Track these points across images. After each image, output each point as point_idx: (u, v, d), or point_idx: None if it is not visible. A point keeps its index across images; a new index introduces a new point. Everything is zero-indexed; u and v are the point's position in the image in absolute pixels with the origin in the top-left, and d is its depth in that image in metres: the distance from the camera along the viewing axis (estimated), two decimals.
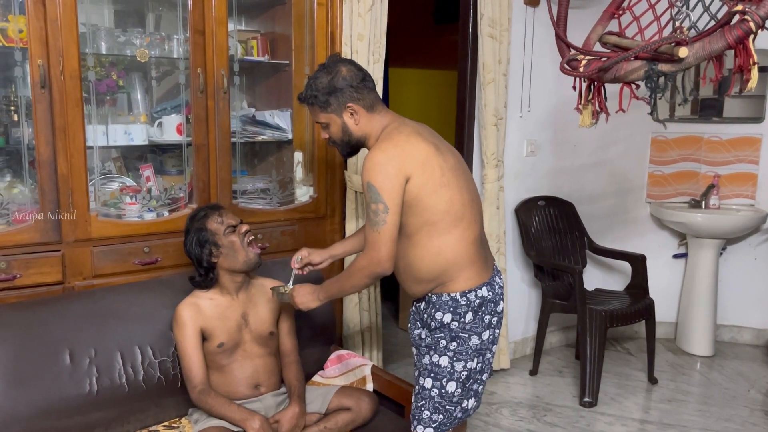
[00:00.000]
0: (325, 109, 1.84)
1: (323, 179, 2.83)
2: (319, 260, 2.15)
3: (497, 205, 3.35)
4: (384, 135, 1.82)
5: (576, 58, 1.81)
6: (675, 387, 3.45)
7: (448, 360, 1.84)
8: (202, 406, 2.07)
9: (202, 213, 2.15)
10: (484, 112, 3.24)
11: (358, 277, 1.82)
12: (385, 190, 1.71)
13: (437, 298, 1.86)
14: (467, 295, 1.83)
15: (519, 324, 3.74)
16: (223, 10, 2.44)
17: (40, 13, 2.10)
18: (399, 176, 1.72)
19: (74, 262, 2.26)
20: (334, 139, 1.89)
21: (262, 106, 2.97)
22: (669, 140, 3.98)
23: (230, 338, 2.11)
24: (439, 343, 1.85)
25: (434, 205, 1.77)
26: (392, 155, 1.74)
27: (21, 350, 1.93)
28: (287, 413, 2.06)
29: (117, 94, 2.58)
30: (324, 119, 1.86)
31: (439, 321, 1.85)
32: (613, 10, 1.89)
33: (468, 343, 1.84)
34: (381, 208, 1.72)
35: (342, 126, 1.85)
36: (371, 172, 1.72)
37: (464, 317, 1.83)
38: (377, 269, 1.76)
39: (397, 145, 1.76)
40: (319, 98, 1.82)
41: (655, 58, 1.62)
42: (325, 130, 1.89)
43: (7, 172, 2.36)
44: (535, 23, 3.42)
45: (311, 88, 1.84)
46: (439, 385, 1.85)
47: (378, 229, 1.73)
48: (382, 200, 1.71)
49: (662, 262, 4.01)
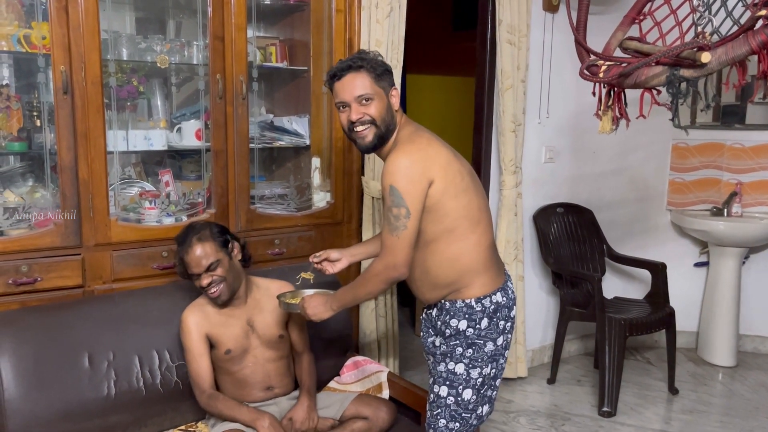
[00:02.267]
0: (378, 80, 1.77)
1: (340, 185, 2.83)
2: (338, 257, 2.10)
3: (515, 212, 3.33)
4: (404, 138, 1.80)
5: (596, 64, 1.80)
6: (696, 398, 3.39)
7: (464, 367, 1.82)
8: (212, 411, 2.08)
9: (184, 241, 2.05)
10: (503, 118, 3.22)
11: (373, 282, 1.78)
12: (409, 194, 1.69)
13: (451, 304, 1.84)
14: (482, 301, 1.82)
15: (537, 332, 3.71)
16: (242, 17, 2.46)
17: (63, 20, 2.13)
18: (423, 180, 1.70)
19: (94, 265, 2.28)
20: (373, 116, 1.77)
21: (280, 112, 2.99)
22: (690, 147, 3.93)
23: (237, 344, 2.10)
24: (455, 350, 1.83)
25: (454, 210, 1.76)
26: (416, 159, 1.72)
27: (41, 353, 1.95)
28: (297, 409, 2.08)
29: (137, 100, 2.60)
30: (373, 91, 1.77)
31: (454, 328, 1.83)
32: (634, 15, 1.88)
33: (484, 350, 1.83)
34: (403, 213, 1.69)
35: (387, 105, 1.80)
36: (395, 175, 1.69)
37: (480, 323, 1.81)
38: (393, 274, 1.74)
39: (420, 148, 1.74)
40: (377, 69, 1.77)
41: (677, 64, 1.60)
42: (368, 103, 1.77)
43: (29, 176, 2.39)
44: (554, 29, 3.40)
45: (364, 60, 1.77)
46: (455, 393, 1.83)
47: (398, 233, 1.70)
48: (405, 204, 1.68)
49: (683, 270, 3.95)
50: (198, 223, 2.13)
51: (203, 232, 2.05)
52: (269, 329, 2.15)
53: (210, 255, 2.02)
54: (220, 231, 2.10)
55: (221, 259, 2.04)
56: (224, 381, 2.14)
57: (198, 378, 2.08)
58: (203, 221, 2.18)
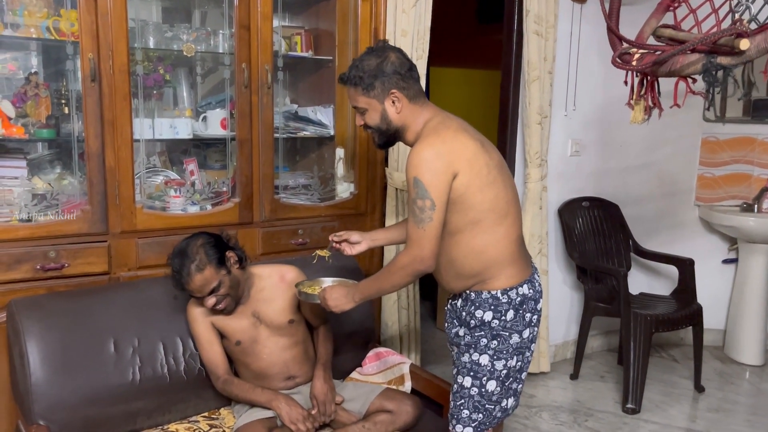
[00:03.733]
0: (367, 92, 1.77)
1: (364, 176, 2.82)
2: (358, 239, 2.08)
3: (540, 205, 3.29)
4: (429, 130, 1.77)
5: (629, 52, 1.76)
6: (723, 396, 3.33)
7: (488, 358, 1.80)
8: (228, 395, 2.09)
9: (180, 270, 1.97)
10: (528, 110, 3.18)
11: (399, 275, 1.76)
12: (433, 187, 1.67)
13: (476, 295, 1.82)
14: (508, 292, 1.79)
15: (560, 327, 3.67)
16: (268, 6, 2.45)
17: (92, 8, 2.14)
18: (447, 173, 1.68)
19: (120, 253, 2.30)
20: (370, 125, 1.82)
21: (304, 102, 2.98)
22: (720, 141, 3.85)
23: (246, 336, 2.09)
24: (479, 341, 1.81)
25: (480, 203, 1.74)
26: (440, 151, 1.69)
27: (68, 338, 1.96)
28: (315, 387, 2.09)
29: (163, 89, 2.61)
30: (363, 104, 1.79)
31: (479, 319, 1.81)
32: (669, 3, 1.83)
33: (509, 342, 1.80)
34: (428, 205, 1.67)
35: (382, 113, 1.79)
36: (419, 167, 1.68)
37: (505, 315, 1.79)
38: (420, 267, 1.72)
39: (445, 140, 1.72)
40: (365, 80, 1.76)
41: (714, 51, 1.56)
42: (362, 115, 1.82)
43: (57, 164, 2.41)
44: (582, 19, 3.35)
45: (357, 68, 1.77)
46: (479, 384, 1.81)
47: (423, 226, 1.68)
48: (430, 196, 1.67)
49: (711, 266, 3.87)
50: (190, 243, 2.00)
51: (199, 257, 1.95)
52: (276, 317, 2.12)
53: (211, 280, 1.97)
54: (214, 246, 2.00)
55: (222, 279, 1.99)
56: (243, 373, 2.15)
57: (211, 365, 2.08)
58: (194, 237, 2.03)
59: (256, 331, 2.11)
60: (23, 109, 2.24)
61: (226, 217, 2.49)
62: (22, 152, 2.34)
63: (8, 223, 2.15)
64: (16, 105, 2.22)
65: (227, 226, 2.48)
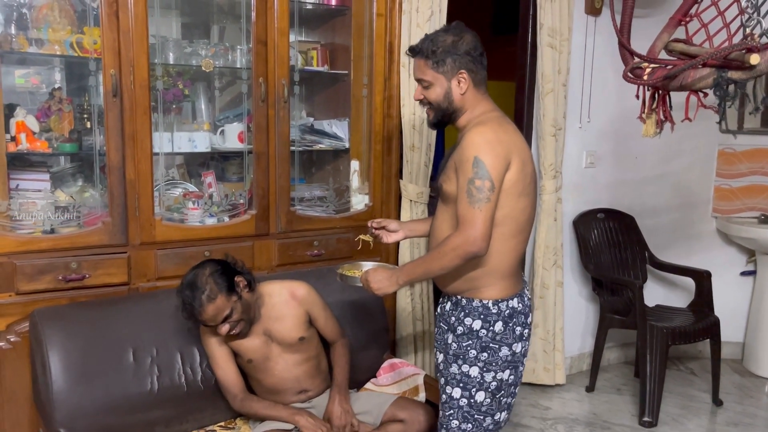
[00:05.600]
0: (437, 67, 1.75)
1: (379, 188, 2.85)
2: (396, 228, 2.06)
3: (555, 217, 3.29)
4: (490, 119, 1.76)
5: (640, 66, 1.77)
6: (741, 410, 3.29)
7: (478, 370, 1.79)
8: (248, 412, 2.10)
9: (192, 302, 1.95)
10: (543, 122, 3.20)
11: (449, 257, 1.69)
12: (494, 169, 1.65)
13: (467, 302, 1.80)
14: (499, 304, 1.78)
15: (576, 339, 3.66)
16: (285, 21, 2.50)
17: (114, 25, 2.20)
18: (506, 161, 1.68)
19: (139, 264, 2.34)
20: (430, 101, 1.80)
21: (320, 116, 3.02)
22: (737, 153, 3.83)
23: (258, 354, 2.10)
24: (468, 353, 1.79)
25: (510, 208, 1.73)
26: (503, 139, 1.70)
27: (88, 347, 2.01)
28: (330, 407, 2.09)
29: (182, 103, 2.67)
30: (430, 77, 1.77)
31: (467, 327, 1.79)
32: (680, 17, 1.84)
33: (498, 354, 1.79)
34: (487, 186, 1.64)
35: (446, 90, 1.77)
36: (482, 147, 1.67)
37: (494, 326, 1.78)
38: (472, 249, 1.67)
39: (507, 132, 1.73)
40: (437, 54, 1.74)
41: (725, 66, 1.57)
42: (425, 90, 1.79)
43: (79, 176, 2.47)
44: (596, 32, 3.36)
45: (432, 42, 1.76)
46: (468, 395, 1.80)
47: (480, 206, 1.65)
48: (490, 177, 1.65)
49: (729, 279, 3.84)
50: (198, 274, 1.98)
51: (209, 287, 1.94)
52: (288, 334, 2.12)
53: (223, 308, 1.96)
54: (222, 274, 1.99)
55: (234, 306, 1.98)
56: (256, 388, 2.17)
57: (227, 383, 2.10)
58: (201, 267, 2.02)
59: (268, 349, 2.12)
60: (47, 124, 2.31)
61: (243, 229, 2.53)
62: (46, 166, 2.40)
63: (32, 234, 2.20)
64: (40, 120, 2.28)
65: (244, 238, 2.52)
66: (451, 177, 1.75)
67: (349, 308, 2.45)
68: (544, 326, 3.35)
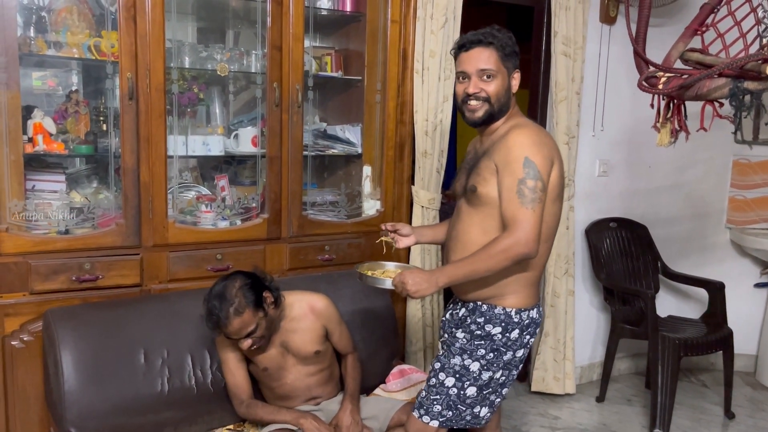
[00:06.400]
0: (505, 60, 1.78)
1: (390, 194, 2.85)
2: (408, 232, 2.05)
3: (567, 225, 3.28)
4: (526, 122, 1.81)
5: (655, 75, 1.77)
6: (753, 423, 3.26)
7: (478, 366, 1.82)
8: (253, 418, 2.10)
9: (219, 313, 1.92)
10: (556, 130, 3.19)
11: (498, 259, 1.65)
12: (544, 170, 1.66)
13: (489, 308, 1.80)
14: (521, 313, 1.80)
15: (586, 348, 3.63)
16: (300, 27, 2.52)
17: (131, 30, 2.22)
18: (550, 164, 1.70)
19: (152, 265, 2.36)
20: (489, 93, 1.78)
21: (333, 121, 3.03)
22: (752, 163, 3.80)
23: (273, 364, 2.10)
24: (477, 350, 1.82)
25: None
26: (548, 143, 1.73)
27: (100, 348, 2.02)
28: (341, 415, 2.09)
29: (197, 107, 2.69)
30: (497, 67, 1.77)
31: (486, 332, 1.81)
32: (696, 27, 1.84)
33: (502, 357, 1.82)
34: (539, 186, 1.63)
35: (507, 84, 1.80)
36: (531, 148, 1.67)
37: (510, 333, 1.80)
38: (524, 250, 1.64)
39: (548, 136, 1.78)
40: (507, 48, 1.78)
41: (741, 76, 1.56)
42: (485, 81, 1.77)
43: (94, 178, 2.49)
44: (610, 41, 3.35)
45: (502, 35, 1.78)
46: (459, 386, 1.83)
47: (533, 206, 1.63)
48: (542, 178, 1.64)
49: (742, 290, 3.80)
50: (228, 286, 1.95)
51: (238, 300, 1.92)
52: (304, 347, 2.12)
53: (249, 323, 1.94)
54: (251, 288, 1.96)
55: (260, 322, 1.96)
56: (267, 395, 2.18)
57: (235, 389, 2.10)
58: (231, 278, 1.98)
59: (284, 360, 2.12)
60: (63, 126, 2.33)
61: (255, 233, 2.54)
62: (62, 167, 2.43)
63: (47, 235, 2.22)
64: (57, 121, 2.30)
65: (256, 242, 2.53)
66: (488, 179, 1.73)
67: (359, 314, 2.45)
68: (554, 335, 3.33)
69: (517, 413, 3.22)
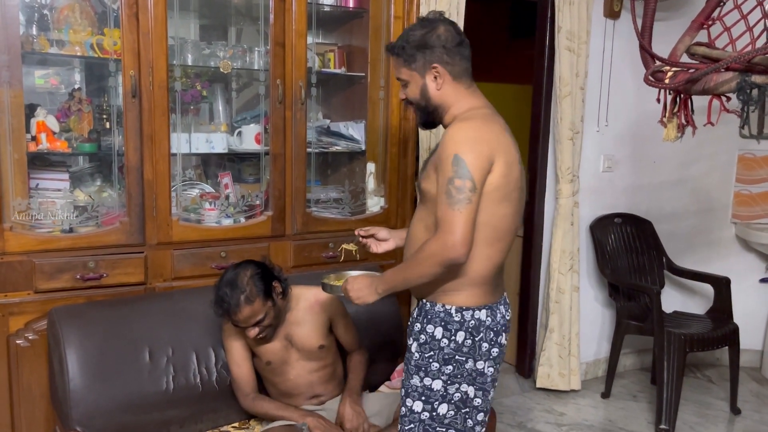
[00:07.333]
0: (409, 64, 1.67)
1: (395, 190, 2.84)
2: (386, 236, 1.94)
3: (571, 221, 3.27)
4: (474, 115, 1.64)
5: (661, 70, 1.75)
6: (759, 418, 3.25)
7: (441, 384, 1.66)
8: (258, 411, 2.10)
9: (230, 300, 1.95)
10: (560, 125, 3.18)
11: (428, 264, 1.57)
12: (475, 169, 1.53)
13: (431, 306, 1.67)
14: (463, 312, 1.65)
15: (591, 344, 3.62)
16: (303, 23, 2.50)
17: (134, 27, 2.21)
18: (488, 162, 1.56)
19: (156, 264, 2.35)
20: (410, 99, 1.72)
21: (336, 118, 3.02)
22: (758, 158, 3.78)
23: (276, 357, 2.11)
24: (430, 365, 1.66)
25: (489, 214, 1.60)
26: (486, 138, 1.58)
27: (105, 346, 2.02)
28: (342, 409, 2.09)
29: (200, 104, 2.68)
30: (405, 75, 1.69)
31: (429, 335, 1.66)
32: (703, 21, 1.82)
33: (464, 366, 1.66)
34: (468, 186, 1.52)
35: (422, 88, 1.68)
36: (462, 145, 1.55)
37: (455, 335, 1.65)
38: (451, 255, 1.53)
39: (492, 131, 1.60)
40: (407, 50, 1.66)
41: (749, 69, 1.55)
42: (403, 89, 1.72)
43: (97, 176, 2.49)
44: (615, 36, 3.34)
45: (402, 38, 1.69)
46: (429, 408, 1.67)
47: (460, 208, 1.52)
48: (471, 177, 1.52)
49: (748, 286, 3.79)
50: (239, 274, 1.99)
51: (249, 288, 1.95)
52: (308, 341, 2.12)
53: (258, 312, 1.97)
54: (262, 278, 2.00)
55: (268, 312, 2.00)
56: (271, 390, 2.18)
57: (240, 382, 2.11)
58: (243, 266, 2.02)
59: (287, 353, 2.12)
60: (67, 124, 2.33)
61: (259, 230, 2.53)
62: (65, 165, 2.43)
63: (51, 233, 2.22)
64: (60, 120, 2.30)
65: (260, 239, 2.53)
66: (431, 176, 1.64)
67: (364, 311, 2.43)
68: (559, 331, 3.32)
69: (522, 409, 3.22)
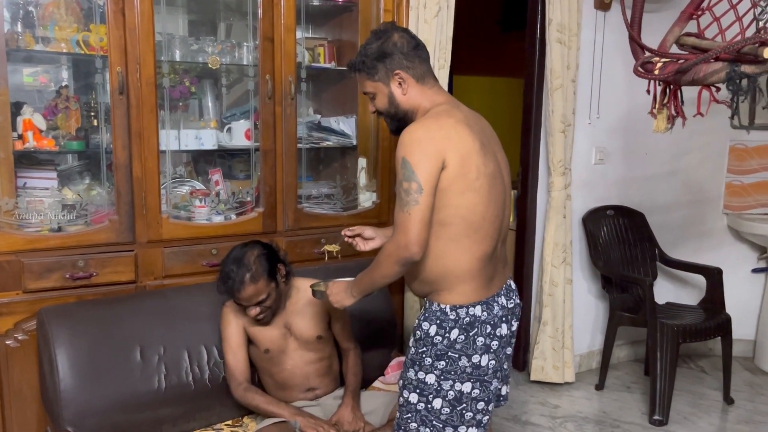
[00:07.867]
0: (372, 76, 1.71)
1: (386, 185, 2.83)
2: (372, 235, 1.98)
3: (564, 214, 3.27)
4: (430, 114, 1.66)
5: (651, 61, 1.75)
6: (753, 408, 3.26)
7: (435, 378, 1.68)
8: (248, 403, 2.09)
9: (234, 277, 2.00)
10: (552, 118, 3.17)
11: (386, 264, 1.64)
12: (421, 169, 1.56)
13: (429, 305, 1.72)
14: (457, 310, 1.67)
15: (585, 337, 3.63)
16: (291, 18, 2.49)
17: (120, 23, 2.19)
18: (437, 159, 1.58)
19: (146, 262, 2.34)
20: (380, 110, 1.75)
21: (327, 113, 3.01)
22: (749, 149, 3.79)
23: (274, 345, 2.11)
24: (424, 359, 1.69)
25: (455, 206, 1.62)
26: (434, 136, 1.59)
27: (96, 346, 2.01)
28: (342, 411, 2.08)
29: (189, 100, 2.66)
30: (371, 88, 1.73)
31: (424, 332, 1.69)
32: (692, 11, 1.82)
33: (457, 364, 1.67)
34: (414, 188, 1.56)
35: (389, 96, 1.71)
36: (408, 147, 1.58)
37: (449, 333, 1.67)
38: (405, 254, 1.59)
39: (442, 127, 1.61)
40: (367, 63, 1.70)
41: (738, 60, 1.54)
42: (372, 101, 1.76)
43: (86, 174, 2.47)
44: (605, 28, 3.33)
45: (360, 53, 1.72)
46: (425, 401, 1.70)
47: (408, 209, 1.57)
48: (417, 179, 1.56)
49: (740, 276, 3.80)
50: (246, 252, 2.03)
51: (255, 267, 2.00)
52: (307, 331, 2.14)
53: (261, 291, 2.01)
54: (268, 258, 2.05)
55: (271, 292, 2.04)
56: (266, 381, 2.18)
57: (234, 369, 2.10)
58: (250, 246, 2.08)
59: (285, 342, 2.12)
60: (54, 122, 2.30)
61: (251, 227, 2.52)
62: (53, 164, 2.40)
63: (39, 232, 2.20)
64: (47, 118, 2.28)
65: (251, 236, 2.50)
66: None
67: (357, 306, 2.39)
68: (553, 324, 3.33)
69: (516, 402, 3.22)
